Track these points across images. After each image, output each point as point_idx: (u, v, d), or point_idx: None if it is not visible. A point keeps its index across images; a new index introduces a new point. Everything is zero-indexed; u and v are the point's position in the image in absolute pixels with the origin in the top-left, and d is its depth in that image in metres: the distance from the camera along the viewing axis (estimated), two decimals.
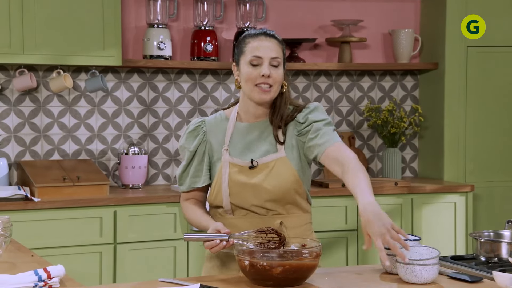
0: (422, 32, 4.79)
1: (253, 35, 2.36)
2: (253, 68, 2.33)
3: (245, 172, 2.35)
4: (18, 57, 3.84)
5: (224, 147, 2.38)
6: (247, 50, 2.34)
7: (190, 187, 2.43)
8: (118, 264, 3.78)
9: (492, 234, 2.48)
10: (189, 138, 2.43)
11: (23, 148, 4.12)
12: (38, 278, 2.06)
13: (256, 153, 2.37)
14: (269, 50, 2.33)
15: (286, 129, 2.38)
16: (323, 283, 2.15)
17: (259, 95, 2.33)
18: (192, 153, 2.41)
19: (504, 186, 4.69)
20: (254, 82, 2.33)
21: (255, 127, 2.39)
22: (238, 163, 2.36)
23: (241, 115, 2.42)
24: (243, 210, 2.37)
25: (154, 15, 4.24)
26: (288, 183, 2.35)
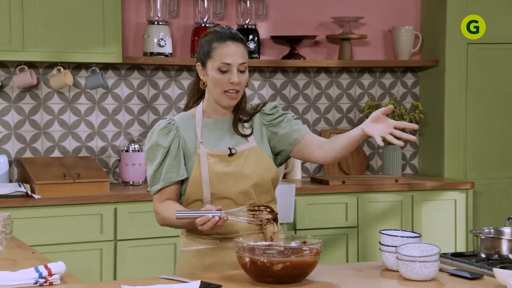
0: (422, 29, 4.79)
1: (219, 39, 2.36)
2: (222, 75, 2.35)
3: (224, 160, 2.38)
4: (19, 54, 3.84)
5: (198, 140, 2.40)
6: (215, 55, 2.35)
7: (166, 182, 2.38)
8: (118, 261, 3.78)
9: (493, 231, 2.48)
10: (162, 135, 2.40)
11: (24, 145, 4.12)
12: (39, 274, 2.06)
13: (228, 145, 2.41)
14: (237, 56, 2.35)
15: (252, 122, 2.45)
16: (323, 279, 2.15)
17: (227, 101, 2.38)
18: (166, 149, 2.39)
19: (504, 183, 4.69)
20: (223, 88, 2.36)
21: (223, 123, 2.43)
22: (216, 152, 2.39)
23: (207, 112, 2.44)
24: (222, 200, 2.37)
25: (154, 12, 4.24)
26: (265, 170, 2.40)
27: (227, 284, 2.08)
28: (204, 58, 2.38)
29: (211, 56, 2.36)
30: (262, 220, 2.21)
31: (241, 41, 2.38)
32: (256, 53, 4.40)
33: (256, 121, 2.46)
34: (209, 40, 2.38)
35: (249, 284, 2.09)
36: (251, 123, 2.45)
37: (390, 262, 2.26)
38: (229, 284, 2.08)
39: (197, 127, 2.41)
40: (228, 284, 2.08)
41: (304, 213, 4.10)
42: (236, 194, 2.37)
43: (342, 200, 4.17)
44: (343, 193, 4.15)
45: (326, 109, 4.69)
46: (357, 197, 4.19)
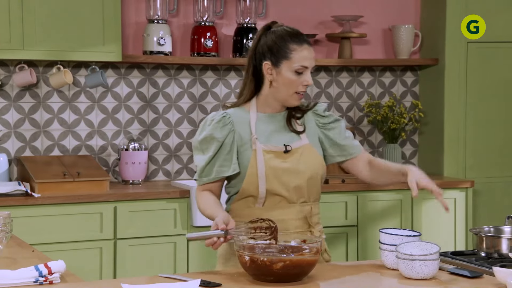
0: (422, 27, 4.79)
1: (297, 41, 2.40)
2: (297, 77, 2.40)
3: (279, 157, 2.41)
4: (18, 53, 3.84)
5: (253, 136, 2.42)
6: (293, 57, 2.39)
7: (216, 176, 2.42)
8: (118, 260, 3.78)
9: (493, 230, 2.48)
10: (217, 128, 2.42)
11: (23, 144, 4.12)
12: (39, 273, 2.06)
13: (283, 141, 2.45)
14: (312, 59, 2.43)
15: (303, 119, 2.49)
16: (323, 278, 2.15)
17: (297, 101, 2.43)
18: (220, 143, 2.41)
19: (504, 181, 4.69)
20: (296, 89, 2.41)
21: (276, 118, 2.47)
22: (272, 149, 2.42)
23: (260, 107, 2.47)
24: (276, 197, 2.41)
25: (154, 11, 4.24)
26: (317, 167, 2.46)
27: (227, 282, 2.08)
28: (279, 58, 2.40)
29: (289, 58, 2.39)
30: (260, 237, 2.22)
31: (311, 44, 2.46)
32: None
33: (308, 119, 2.50)
34: (284, 40, 2.40)
35: (249, 283, 2.09)
36: (303, 120, 2.49)
37: (390, 260, 2.27)
38: (229, 283, 2.08)
39: (252, 122, 2.44)
40: (228, 282, 2.09)
41: None
42: (290, 190, 2.41)
43: (341, 199, 4.17)
44: (342, 192, 4.16)
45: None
46: (357, 196, 4.19)
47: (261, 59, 2.41)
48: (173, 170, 4.41)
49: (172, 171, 4.41)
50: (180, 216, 3.89)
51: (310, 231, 2.42)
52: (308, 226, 2.43)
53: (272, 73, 2.41)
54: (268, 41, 2.41)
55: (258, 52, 2.42)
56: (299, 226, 2.42)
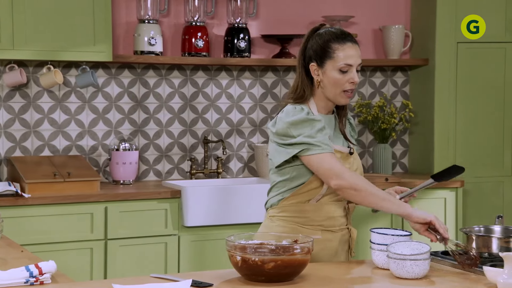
0: (412, 28, 4.80)
1: (339, 40, 2.45)
2: (342, 75, 2.44)
3: (344, 158, 2.51)
4: (8, 53, 3.82)
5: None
6: (337, 56, 2.43)
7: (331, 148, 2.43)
8: (109, 260, 3.77)
9: (483, 229, 2.49)
10: (310, 114, 2.44)
11: (13, 144, 4.10)
12: (29, 274, 2.06)
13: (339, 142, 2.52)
14: (357, 57, 2.46)
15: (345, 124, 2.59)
16: (315, 278, 2.16)
17: (345, 100, 2.48)
18: (323, 123, 2.44)
19: (493, 181, 4.71)
20: (342, 88, 2.45)
21: (329, 119, 2.53)
22: (340, 149, 2.51)
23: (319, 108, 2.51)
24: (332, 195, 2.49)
25: (145, 11, 4.23)
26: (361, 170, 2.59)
27: (218, 282, 2.08)
28: (323, 58, 2.45)
29: (332, 57, 2.44)
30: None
31: (357, 42, 2.49)
32: (247, 52, 4.40)
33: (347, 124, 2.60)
34: (327, 40, 2.45)
35: (241, 283, 2.09)
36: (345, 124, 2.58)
37: (380, 260, 2.27)
38: (220, 283, 2.08)
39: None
40: (220, 282, 2.09)
41: None
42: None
43: None
44: None
45: None
46: None
47: (308, 61, 2.48)
48: (164, 170, 4.41)
49: (163, 171, 4.41)
50: (171, 216, 3.88)
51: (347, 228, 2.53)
52: (346, 224, 2.55)
53: (319, 73, 2.46)
54: (314, 44, 2.48)
55: (306, 55, 2.49)
56: (342, 223, 2.53)
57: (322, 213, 2.48)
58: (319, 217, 2.48)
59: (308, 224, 2.48)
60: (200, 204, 3.86)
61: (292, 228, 2.48)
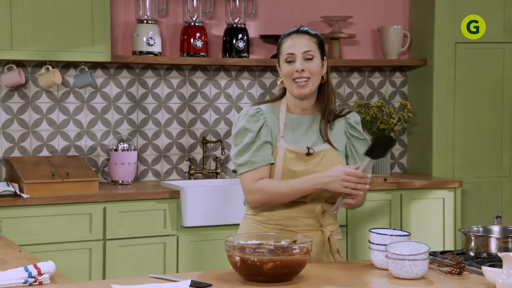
0: (411, 28, 4.81)
1: (287, 35, 2.52)
2: (289, 65, 2.48)
3: (300, 158, 2.47)
4: (7, 53, 3.82)
5: (280, 134, 2.50)
6: (282, 49, 2.51)
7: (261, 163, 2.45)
8: (107, 261, 3.77)
9: (481, 230, 2.49)
10: (251, 120, 2.51)
11: (12, 144, 4.10)
12: (28, 274, 2.05)
13: (308, 143, 2.50)
14: (301, 45, 2.47)
15: (333, 124, 2.54)
16: (313, 278, 2.16)
17: (297, 90, 2.48)
18: (256, 133, 2.48)
19: (492, 181, 4.71)
20: (291, 77, 2.48)
21: (304, 120, 2.53)
22: (295, 149, 2.48)
23: (290, 108, 2.54)
24: None
25: (144, 11, 4.23)
26: None
27: (217, 283, 2.08)
28: (278, 56, 2.53)
29: (280, 52, 2.52)
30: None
31: (306, 33, 2.50)
32: (245, 52, 4.40)
33: (338, 125, 2.55)
34: (280, 39, 2.54)
35: (240, 283, 2.09)
36: (333, 124, 2.54)
37: (379, 260, 2.27)
38: (219, 283, 2.08)
39: (281, 120, 2.52)
40: (219, 283, 2.09)
41: None
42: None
43: None
44: None
45: None
46: None
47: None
48: (162, 170, 4.40)
49: (161, 172, 4.40)
50: (170, 216, 3.88)
51: (321, 230, 2.48)
52: (319, 225, 2.49)
53: (280, 71, 2.53)
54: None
55: None
56: (309, 225, 2.48)
57: (280, 212, 2.48)
58: (277, 216, 2.48)
59: (266, 222, 2.49)
60: (199, 204, 3.86)
61: (253, 226, 2.51)
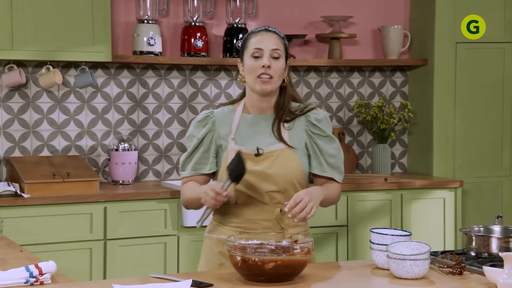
0: (411, 28, 4.81)
1: (256, 31, 2.50)
2: (255, 60, 2.44)
3: (250, 159, 2.43)
4: (7, 53, 3.82)
5: (230, 135, 2.47)
6: (249, 44, 2.46)
7: (194, 172, 2.50)
8: (108, 260, 3.77)
9: (482, 229, 2.49)
10: (198, 127, 2.52)
11: (12, 144, 4.10)
12: (29, 274, 2.05)
13: (261, 143, 2.46)
14: (269, 42, 2.44)
15: (293, 123, 2.48)
16: (314, 278, 2.16)
17: (260, 86, 2.43)
18: (199, 140, 2.50)
19: (492, 181, 4.71)
20: (256, 73, 2.43)
21: (261, 119, 2.49)
22: (245, 150, 2.44)
23: (248, 108, 2.52)
24: (246, 198, 2.44)
25: (144, 11, 4.23)
26: (291, 173, 2.45)
27: (218, 282, 2.08)
28: (242, 51, 2.49)
29: (247, 46, 2.47)
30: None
31: (275, 32, 2.49)
32: None
33: (298, 123, 2.49)
34: (248, 34, 2.51)
35: (241, 283, 2.09)
36: (293, 123, 2.49)
37: (380, 260, 2.27)
38: (220, 283, 2.08)
39: (234, 122, 2.49)
40: (220, 282, 2.09)
41: None
42: (259, 193, 2.43)
43: None
44: None
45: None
46: (347, 196, 4.20)
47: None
48: (163, 170, 4.41)
49: (162, 172, 4.40)
50: (170, 216, 3.88)
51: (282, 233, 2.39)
52: (280, 228, 2.43)
53: (242, 68, 2.49)
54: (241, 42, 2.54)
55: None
56: (269, 227, 2.43)
57: (239, 215, 2.45)
58: (237, 218, 2.45)
59: (228, 224, 2.48)
60: None
61: (216, 226, 2.51)
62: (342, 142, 4.69)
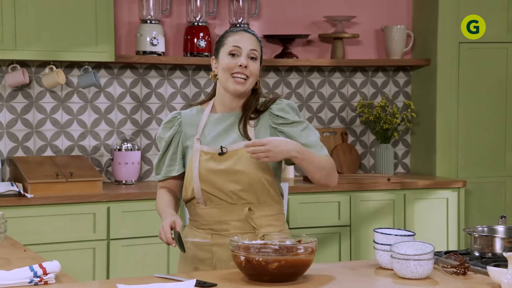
0: (414, 28, 4.80)
1: (234, 30, 2.46)
2: (232, 58, 2.40)
3: (215, 159, 2.41)
4: (11, 53, 3.82)
5: (196, 136, 2.45)
6: (227, 42, 2.43)
7: (165, 175, 2.51)
8: (111, 260, 3.77)
9: (486, 229, 2.49)
10: (165, 128, 2.51)
11: (16, 144, 4.11)
12: (33, 274, 2.06)
13: (226, 142, 2.43)
14: (248, 42, 2.42)
15: (258, 120, 2.44)
16: (318, 278, 2.16)
17: (234, 86, 2.40)
18: (167, 142, 2.49)
19: (495, 181, 4.71)
20: (231, 71, 2.40)
21: (228, 117, 2.46)
22: (208, 150, 2.42)
23: (216, 107, 2.49)
24: (214, 199, 2.41)
25: (147, 11, 4.24)
26: (257, 171, 2.39)
27: (222, 282, 2.08)
28: (218, 48, 2.45)
29: (224, 44, 2.43)
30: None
31: (253, 34, 2.46)
32: None
33: (263, 119, 2.44)
34: (225, 32, 2.48)
35: (244, 283, 2.09)
36: (258, 120, 2.44)
37: (384, 260, 2.27)
38: (224, 283, 2.08)
39: (201, 122, 2.46)
40: (224, 282, 2.09)
41: (296, 212, 4.10)
42: (226, 192, 2.40)
43: (334, 199, 4.18)
44: (335, 192, 4.16)
45: (318, 108, 4.70)
46: (350, 196, 4.20)
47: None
48: None
49: None
50: None
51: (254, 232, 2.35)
52: (251, 228, 2.38)
53: (216, 65, 2.45)
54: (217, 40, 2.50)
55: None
56: (240, 227, 2.38)
57: (210, 217, 2.41)
58: (207, 220, 2.41)
59: (199, 227, 2.44)
60: None
61: (189, 229, 2.48)
62: (344, 142, 4.69)
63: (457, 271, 2.19)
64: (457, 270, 2.19)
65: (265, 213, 2.41)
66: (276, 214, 2.45)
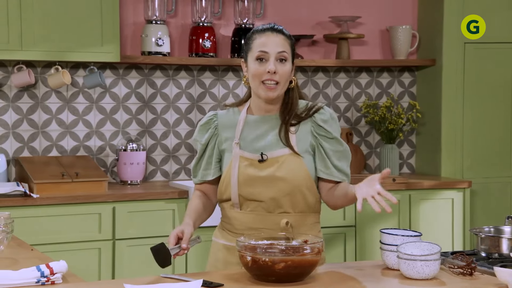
0: (419, 28, 4.80)
1: (260, 30, 2.35)
2: (260, 64, 2.31)
3: (255, 165, 2.34)
4: (17, 53, 3.83)
5: (235, 140, 2.38)
6: (254, 46, 2.33)
7: (201, 179, 2.45)
8: (117, 260, 3.78)
9: (493, 230, 2.49)
10: (201, 131, 2.45)
11: (21, 144, 4.11)
12: (40, 274, 2.06)
13: (266, 147, 2.35)
14: (275, 45, 2.31)
15: (299, 126, 2.37)
16: (325, 278, 2.16)
17: (265, 93, 2.32)
18: (204, 146, 2.43)
19: (501, 182, 4.70)
20: (261, 78, 2.31)
21: (266, 121, 2.38)
22: (248, 156, 2.35)
23: (252, 109, 2.41)
24: (251, 204, 2.36)
25: (152, 11, 4.24)
26: (297, 179, 2.34)
27: (229, 282, 2.08)
28: (246, 52, 2.36)
29: (251, 48, 2.33)
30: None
31: (282, 32, 2.34)
32: None
33: (304, 126, 2.37)
34: (251, 33, 2.37)
35: (251, 283, 2.09)
36: (298, 125, 2.36)
37: (391, 261, 2.27)
38: (231, 283, 2.08)
39: (238, 125, 2.39)
40: (230, 283, 2.09)
41: None
42: (265, 200, 2.35)
43: None
44: None
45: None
46: None
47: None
48: (171, 170, 4.41)
49: (170, 172, 4.41)
50: (179, 216, 3.88)
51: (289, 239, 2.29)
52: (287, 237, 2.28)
53: (246, 69, 2.36)
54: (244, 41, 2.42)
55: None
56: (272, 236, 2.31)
57: (243, 223, 2.36)
58: (240, 226, 2.37)
59: (232, 231, 2.40)
60: None
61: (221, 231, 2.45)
62: (350, 142, 4.69)
63: (464, 271, 2.19)
64: (464, 271, 2.19)
65: (299, 224, 2.37)
66: (311, 224, 2.41)
